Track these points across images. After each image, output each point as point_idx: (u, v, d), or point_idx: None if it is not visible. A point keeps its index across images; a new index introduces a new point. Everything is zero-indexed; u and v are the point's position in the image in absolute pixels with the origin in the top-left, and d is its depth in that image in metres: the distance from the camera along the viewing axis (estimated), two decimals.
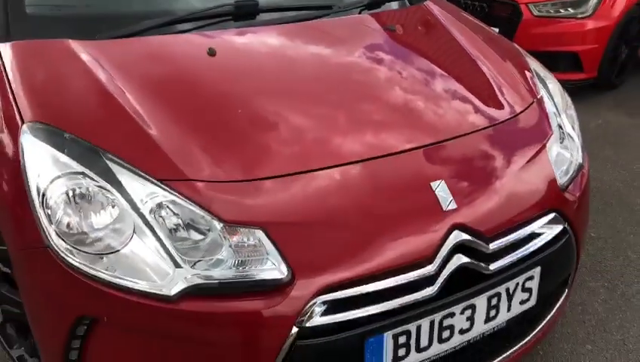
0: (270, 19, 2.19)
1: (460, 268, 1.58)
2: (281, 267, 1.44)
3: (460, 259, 1.57)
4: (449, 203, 1.61)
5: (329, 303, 1.45)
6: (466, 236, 1.59)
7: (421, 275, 1.53)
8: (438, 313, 1.57)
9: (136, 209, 1.45)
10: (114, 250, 1.43)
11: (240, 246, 1.45)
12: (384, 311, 1.49)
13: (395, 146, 1.71)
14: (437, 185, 1.63)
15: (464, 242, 1.59)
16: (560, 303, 1.99)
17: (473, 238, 1.60)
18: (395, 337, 1.52)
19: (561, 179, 1.87)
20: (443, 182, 1.64)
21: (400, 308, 1.51)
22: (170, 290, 1.40)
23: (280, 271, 1.43)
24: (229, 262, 1.44)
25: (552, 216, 1.79)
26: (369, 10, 2.38)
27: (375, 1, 2.42)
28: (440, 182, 1.63)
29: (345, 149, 1.68)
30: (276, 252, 1.45)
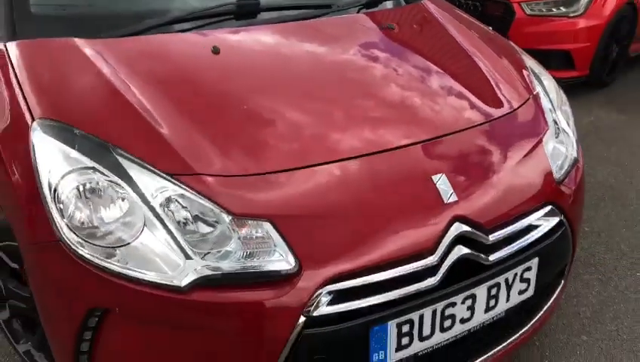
0: (271, 18, 2.22)
1: (461, 259, 1.61)
2: (288, 258, 1.47)
3: (461, 250, 1.61)
4: (450, 195, 1.64)
5: (335, 293, 1.48)
6: (466, 228, 1.62)
7: (423, 266, 1.56)
8: (439, 302, 1.60)
9: (147, 202, 1.47)
10: (125, 243, 1.46)
11: (248, 239, 1.48)
12: (388, 300, 1.52)
13: (397, 141, 1.74)
14: (438, 179, 1.66)
15: (465, 234, 1.62)
16: (556, 294, 2.03)
17: (473, 230, 1.63)
18: (398, 326, 1.55)
19: (557, 173, 1.91)
20: (444, 175, 1.67)
21: (403, 297, 1.54)
22: (181, 281, 1.42)
23: (288, 262, 1.46)
24: (237, 253, 1.47)
25: (548, 209, 1.83)
26: (367, 9, 2.42)
27: (373, 0, 2.46)
28: (441, 176, 1.67)
29: (349, 144, 1.71)
30: (284, 243, 1.48)
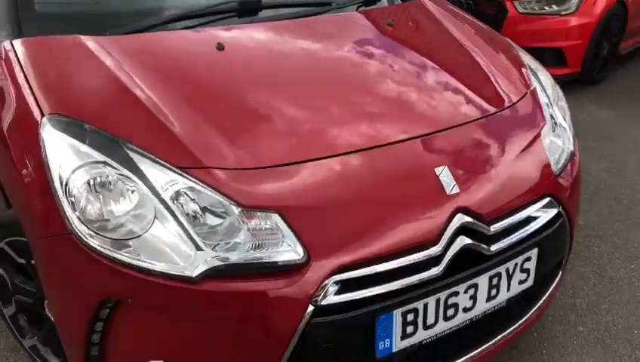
0: (272, 15, 2.25)
1: (464, 250, 1.64)
2: (297, 248, 1.50)
3: (463, 240, 1.64)
4: (452, 187, 1.68)
5: (342, 283, 1.51)
6: (468, 219, 1.66)
7: (427, 256, 1.60)
8: (443, 292, 1.63)
9: (157, 195, 1.49)
10: (136, 235, 1.48)
11: (257, 230, 1.51)
12: (393, 290, 1.55)
13: (401, 135, 1.78)
14: (440, 171, 1.69)
15: (467, 224, 1.65)
16: (555, 284, 2.07)
17: (475, 221, 1.67)
18: (403, 315, 1.58)
19: (555, 166, 1.95)
20: (446, 168, 1.71)
21: (408, 287, 1.57)
22: (192, 272, 1.45)
23: (296, 252, 1.49)
24: (247, 244, 1.50)
25: (547, 201, 1.86)
26: (366, 6, 2.46)
27: None
28: (443, 168, 1.70)
29: (355, 138, 1.74)
30: (292, 234, 1.51)
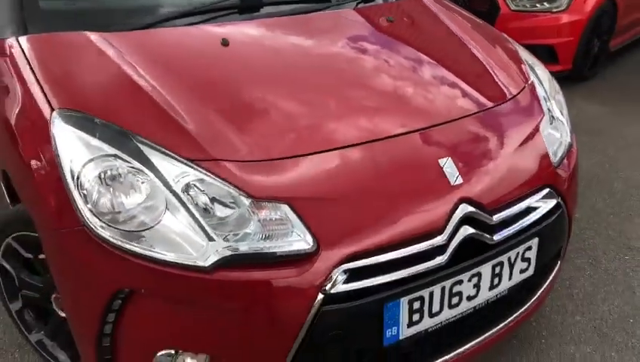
0: (273, 12, 2.28)
1: (467, 239, 1.68)
2: (306, 238, 1.52)
3: (467, 230, 1.68)
4: (456, 178, 1.72)
5: (350, 272, 1.54)
6: (472, 209, 1.69)
7: (433, 245, 1.63)
8: (448, 280, 1.67)
9: (169, 186, 1.52)
10: (149, 227, 1.50)
11: (267, 221, 1.53)
12: (400, 278, 1.59)
13: (406, 127, 1.81)
14: (444, 163, 1.73)
15: (470, 214, 1.69)
16: (554, 274, 2.12)
17: (478, 211, 1.71)
18: (410, 303, 1.62)
19: (554, 158, 1.99)
20: (449, 159, 1.74)
21: (414, 275, 1.60)
22: (205, 262, 1.47)
23: (306, 241, 1.52)
24: (257, 235, 1.52)
25: (546, 192, 1.91)
26: (365, 3, 2.49)
27: None
28: (447, 160, 1.74)
29: (362, 130, 1.77)
30: (301, 224, 1.53)
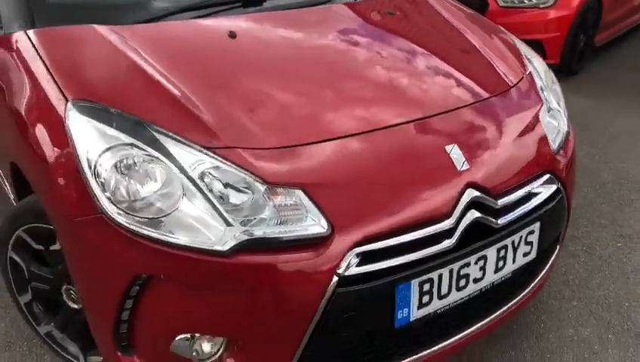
0: (277, 5, 2.32)
1: (474, 223, 1.73)
2: (321, 222, 1.56)
3: (474, 214, 1.73)
4: (462, 164, 1.77)
5: (362, 255, 1.58)
6: (478, 193, 1.74)
7: (441, 228, 1.68)
8: (456, 263, 1.72)
9: (185, 173, 1.55)
10: (166, 213, 1.53)
11: (282, 206, 1.57)
12: (410, 261, 1.63)
13: (415, 115, 1.86)
14: (451, 149, 1.78)
15: (476, 199, 1.74)
16: (553, 258, 2.18)
17: (484, 195, 1.76)
18: (420, 285, 1.66)
19: (553, 145, 2.05)
20: (456, 145, 1.79)
21: (424, 258, 1.65)
22: (223, 246, 1.50)
23: (321, 225, 1.56)
24: (272, 220, 1.56)
25: (547, 177, 1.96)
26: None
27: None
28: (453, 146, 1.79)
29: (372, 118, 1.82)
30: (316, 209, 1.57)
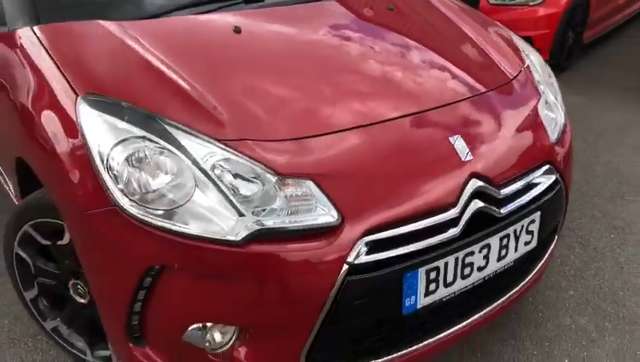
0: (279, 1, 2.35)
1: (477, 212, 1.77)
2: (331, 212, 1.59)
3: (477, 203, 1.77)
4: (466, 155, 1.81)
5: (372, 243, 1.61)
6: (481, 183, 1.78)
7: (447, 218, 1.72)
8: (460, 251, 1.75)
9: (197, 165, 1.57)
10: (179, 204, 1.55)
11: (292, 196, 1.60)
12: (418, 249, 1.67)
13: (420, 107, 1.90)
14: (455, 140, 1.82)
15: (480, 189, 1.78)
16: (552, 247, 2.23)
17: (487, 185, 1.80)
18: (427, 273, 1.70)
19: (552, 136, 2.10)
20: (459, 136, 1.83)
21: (430, 247, 1.69)
22: (236, 236, 1.53)
23: (331, 215, 1.59)
24: (283, 210, 1.59)
25: (546, 168, 2.01)
26: None
27: None
28: (457, 137, 1.83)
29: (378, 110, 1.86)
30: (326, 199, 1.60)
